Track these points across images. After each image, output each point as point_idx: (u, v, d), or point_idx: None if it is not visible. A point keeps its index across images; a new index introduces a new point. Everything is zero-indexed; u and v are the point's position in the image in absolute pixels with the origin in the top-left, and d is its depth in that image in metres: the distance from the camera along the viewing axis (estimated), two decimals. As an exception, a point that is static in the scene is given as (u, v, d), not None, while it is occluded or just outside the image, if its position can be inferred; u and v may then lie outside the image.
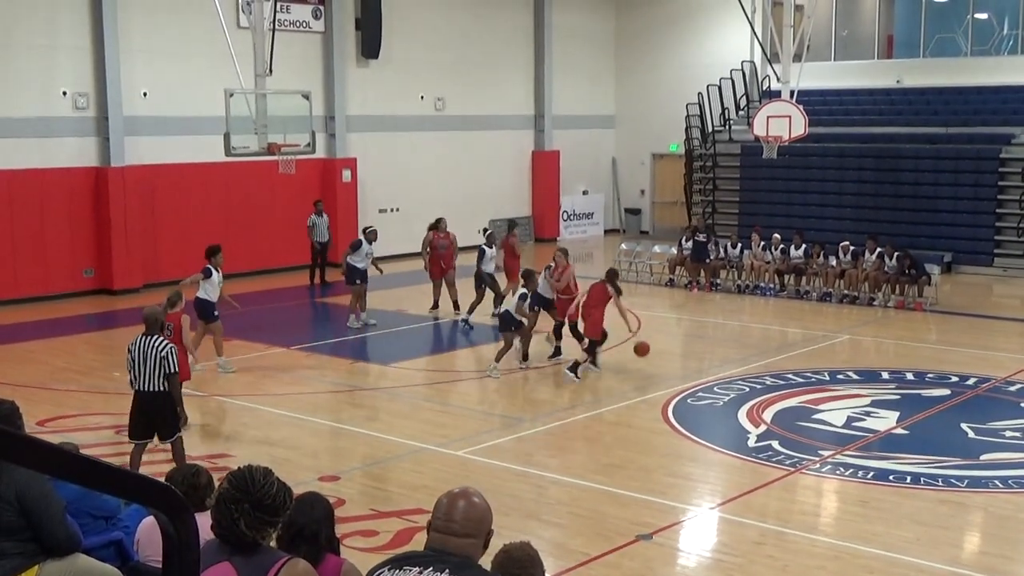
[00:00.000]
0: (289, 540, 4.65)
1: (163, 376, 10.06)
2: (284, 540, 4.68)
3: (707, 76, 29.53)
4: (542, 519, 9.79)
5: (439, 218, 19.96)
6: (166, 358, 10.04)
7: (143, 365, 10.07)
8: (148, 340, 10.16)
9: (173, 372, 10.11)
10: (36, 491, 5.66)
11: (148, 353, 10.06)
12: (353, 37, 26.35)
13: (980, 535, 9.83)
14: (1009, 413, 13.20)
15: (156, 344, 10.10)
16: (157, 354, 10.03)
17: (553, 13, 30.92)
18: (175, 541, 2.28)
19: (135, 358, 10.12)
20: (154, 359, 10.03)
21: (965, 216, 25.04)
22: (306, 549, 4.57)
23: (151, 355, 10.04)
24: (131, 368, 10.21)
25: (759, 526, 9.57)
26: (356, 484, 10.78)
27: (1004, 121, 25.68)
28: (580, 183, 32.60)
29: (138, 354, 10.11)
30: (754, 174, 27.67)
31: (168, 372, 10.06)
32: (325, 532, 4.87)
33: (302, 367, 15.92)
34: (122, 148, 21.99)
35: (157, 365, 10.02)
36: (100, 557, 6.19)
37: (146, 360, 10.06)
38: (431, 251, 19.49)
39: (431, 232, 19.63)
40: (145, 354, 10.07)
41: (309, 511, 4.84)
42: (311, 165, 24.14)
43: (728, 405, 13.60)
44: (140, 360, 10.08)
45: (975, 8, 28.26)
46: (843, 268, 21.19)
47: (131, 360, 10.18)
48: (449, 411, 13.78)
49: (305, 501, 4.91)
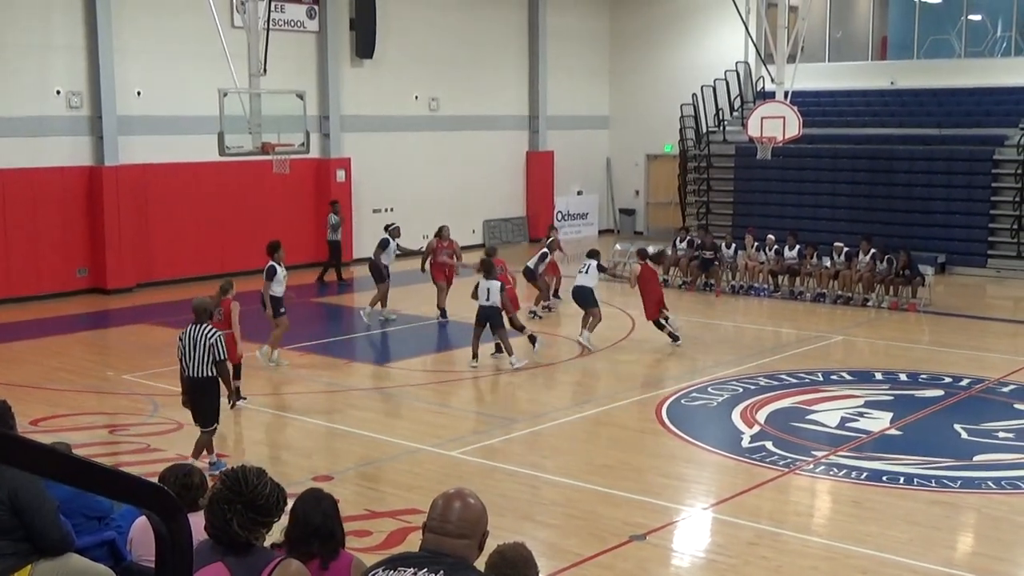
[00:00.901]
0: (304, 538, 4.64)
1: (211, 362, 10.61)
2: (297, 537, 4.67)
3: (701, 77, 29.55)
4: (536, 520, 9.79)
5: (441, 226, 19.94)
6: (215, 345, 10.59)
7: (192, 352, 10.61)
8: (197, 328, 10.69)
9: (221, 359, 10.67)
10: (29, 491, 5.65)
11: (197, 341, 10.60)
12: (347, 37, 26.33)
13: (973, 536, 9.85)
14: (1002, 414, 13.22)
15: (205, 332, 10.64)
16: (206, 342, 10.57)
17: (547, 14, 30.92)
18: (168, 542, 2.27)
19: (185, 345, 10.67)
20: (203, 346, 10.56)
21: (959, 217, 25.08)
22: (321, 546, 4.56)
23: (200, 343, 10.58)
24: (182, 356, 10.74)
25: (753, 527, 9.57)
26: (350, 484, 10.76)
27: (997, 123, 25.72)
28: (574, 183, 32.60)
29: (188, 342, 10.64)
30: (748, 175, 27.69)
31: (216, 359, 10.61)
32: (339, 529, 4.88)
33: (296, 367, 15.90)
34: (116, 147, 21.95)
35: (206, 352, 10.57)
36: (93, 557, 6.18)
37: (195, 347, 10.59)
38: (434, 256, 19.53)
39: (435, 239, 19.61)
40: (195, 342, 10.60)
41: (320, 508, 4.83)
42: (305, 165, 24.11)
43: (722, 406, 13.61)
44: (190, 347, 10.62)
45: (969, 10, 28.31)
46: (837, 269, 21.21)
47: (182, 348, 10.72)
48: (443, 412, 13.78)
49: (313, 498, 4.91)
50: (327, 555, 4.53)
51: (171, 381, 14.67)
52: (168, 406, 13.50)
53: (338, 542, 4.81)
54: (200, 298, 11.38)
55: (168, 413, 13.16)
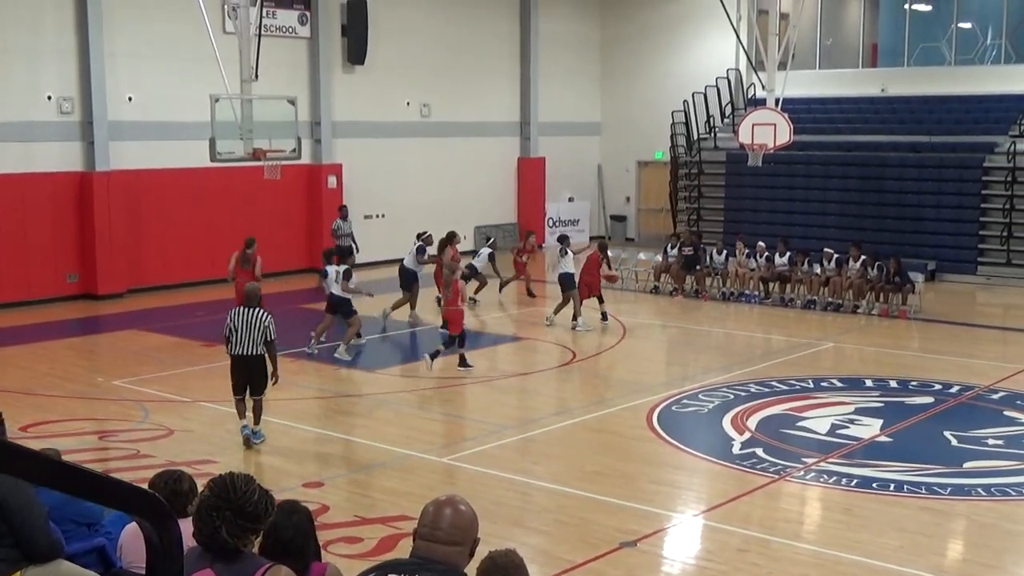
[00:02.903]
0: (274, 553, 4.63)
1: (263, 342, 11.71)
2: (268, 551, 4.66)
3: (692, 84, 29.61)
4: (527, 526, 9.78)
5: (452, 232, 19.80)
6: (268, 327, 11.70)
7: (246, 332, 11.70)
8: (250, 311, 11.78)
9: (272, 339, 11.74)
10: (18, 497, 5.63)
11: (252, 323, 11.69)
12: (339, 43, 26.33)
13: (963, 543, 9.86)
14: (992, 421, 13.25)
15: (259, 314, 11.73)
16: (261, 323, 11.68)
17: (539, 20, 30.96)
18: (159, 548, 2.27)
19: (237, 326, 11.74)
20: (258, 328, 11.66)
21: (949, 224, 25.15)
22: (291, 562, 4.55)
23: (255, 324, 11.68)
24: (230, 335, 11.79)
25: (743, 533, 9.58)
26: (340, 491, 10.75)
27: (987, 130, 25.81)
28: (566, 190, 32.63)
29: (241, 323, 11.73)
30: (739, 182, 27.75)
31: (268, 339, 11.71)
32: (311, 544, 4.86)
33: (287, 373, 15.84)
34: (107, 153, 21.92)
35: (261, 333, 11.68)
36: (83, 563, 6.16)
37: (249, 328, 11.68)
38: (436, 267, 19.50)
39: (450, 248, 19.29)
40: (248, 323, 11.69)
41: (291, 522, 4.81)
42: (297, 171, 24.09)
43: (713, 412, 13.62)
44: (243, 328, 11.71)
45: (959, 18, 28.40)
46: (827, 276, 21.25)
47: (232, 328, 11.78)
48: (434, 418, 13.76)
49: (284, 511, 4.88)
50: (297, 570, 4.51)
51: (161, 387, 14.72)
52: (158, 412, 13.49)
53: (308, 558, 4.79)
54: (251, 283, 12.87)
55: (158, 419, 13.14)
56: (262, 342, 11.72)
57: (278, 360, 12.04)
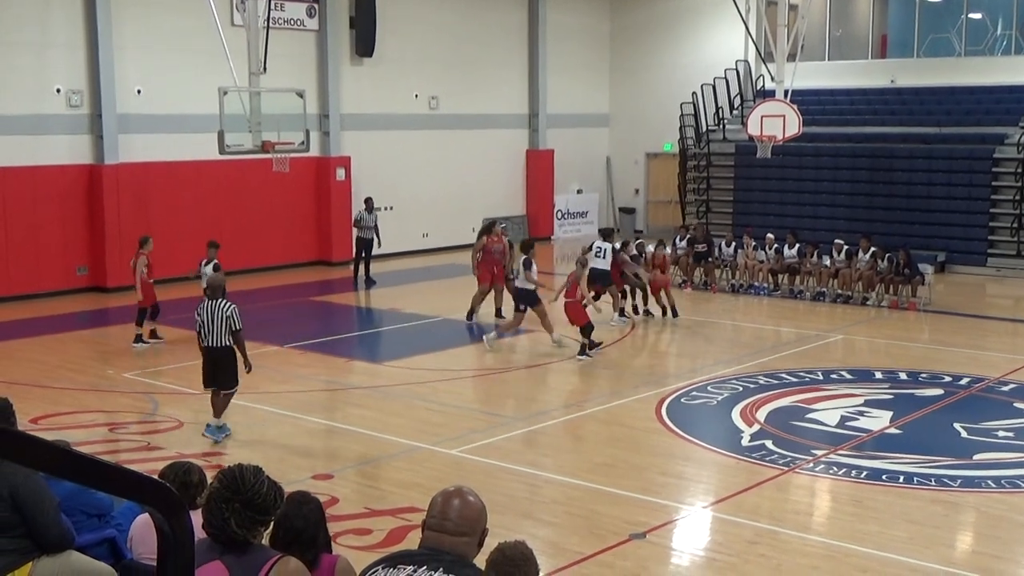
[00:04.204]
0: (285, 543, 4.64)
1: (228, 332, 11.61)
2: (279, 541, 4.67)
3: (701, 75, 29.54)
4: (536, 518, 9.79)
5: (493, 220, 19.61)
6: (231, 317, 11.60)
7: (211, 324, 11.63)
8: (214, 304, 11.69)
9: (238, 329, 11.64)
10: (30, 488, 5.65)
11: (215, 314, 11.61)
12: (347, 35, 26.32)
13: (973, 535, 9.85)
14: (1002, 413, 13.22)
15: (221, 307, 11.64)
16: (223, 314, 11.60)
17: (548, 12, 30.91)
18: (170, 539, 2.27)
19: (204, 319, 11.68)
20: (220, 319, 11.59)
21: (959, 216, 25.08)
22: (302, 552, 4.56)
23: (218, 316, 11.60)
24: (200, 328, 11.74)
25: (752, 525, 9.57)
26: (350, 483, 10.77)
27: (997, 121, 25.72)
28: (574, 182, 32.60)
29: (207, 316, 11.66)
30: (748, 173, 27.68)
31: (233, 329, 11.61)
32: (322, 535, 4.87)
33: (296, 365, 15.90)
34: (116, 146, 21.95)
35: (224, 324, 11.59)
36: (93, 555, 6.18)
37: (214, 320, 11.61)
38: (483, 255, 18.92)
39: (485, 236, 19.06)
40: (212, 315, 11.62)
41: (302, 512, 4.82)
42: (305, 163, 24.10)
43: (722, 404, 13.61)
44: (208, 320, 11.64)
45: (969, 8, 28.29)
46: (837, 268, 21.20)
47: (200, 321, 11.72)
48: (443, 410, 13.77)
49: (295, 502, 4.89)
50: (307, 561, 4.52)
51: (172, 379, 14.75)
52: (168, 404, 13.52)
53: (319, 548, 4.80)
54: (215, 275, 12.72)
55: (168, 411, 13.17)
56: (227, 333, 11.64)
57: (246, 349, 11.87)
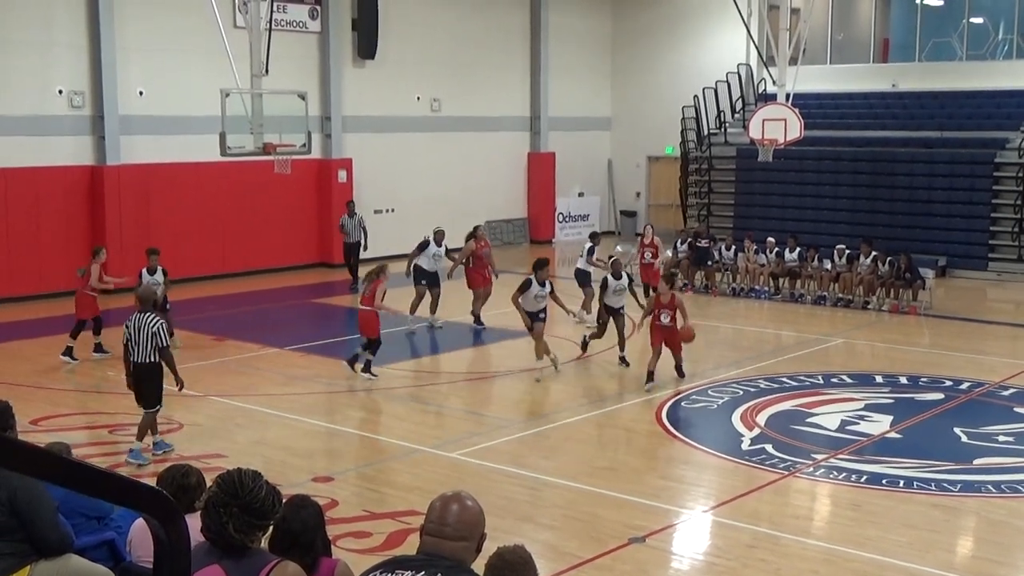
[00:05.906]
0: (283, 547, 4.64)
1: (154, 348, 10.88)
2: (277, 545, 4.67)
3: (703, 79, 29.55)
4: (535, 521, 9.79)
5: (476, 226, 19.65)
6: (157, 333, 10.86)
7: (137, 338, 10.90)
8: (142, 317, 10.95)
9: (164, 346, 10.95)
10: (29, 492, 5.65)
11: (142, 328, 10.87)
12: (349, 37, 26.34)
13: (973, 539, 9.85)
14: (1002, 418, 13.22)
15: (148, 320, 10.91)
16: (149, 329, 10.85)
17: (549, 15, 30.92)
18: (166, 546, 2.28)
19: (131, 333, 10.94)
20: (146, 334, 10.85)
21: (960, 220, 25.08)
22: (300, 556, 4.56)
23: (144, 330, 10.86)
24: (127, 342, 11.02)
25: (752, 529, 9.57)
26: (349, 485, 10.77)
27: (998, 125, 25.72)
28: (575, 185, 32.60)
29: (134, 329, 10.93)
30: (749, 177, 27.69)
31: (159, 346, 10.88)
32: (320, 538, 4.87)
33: (296, 367, 15.90)
34: (118, 147, 21.96)
35: (149, 339, 10.84)
36: (92, 557, 6.19)
37: (140, 334, 10.88)
38: (475, 260, 18.91)
39: (472, 241, 19.03)
40: (139, 329, 10.88)
41: (300, 516, 4.82)
42: (307, 165, 24.10)
43: (722, 408, 13.60)
44: (135, 334, 10.91)
45: (970, 13, 28.30)
46: (838, 272, 21.20)
47: (127, 335, 11.00)
48: (442, 413, 13.78)
49: (294, 505, 4.89)
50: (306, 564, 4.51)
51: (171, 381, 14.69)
52: (168, 406, 13.48)
53: (318, 552, 4.79)
54: (145, 285, 12.01)
55: (168, 413, 13.14)
56: (153, 349, 10.86)
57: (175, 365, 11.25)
